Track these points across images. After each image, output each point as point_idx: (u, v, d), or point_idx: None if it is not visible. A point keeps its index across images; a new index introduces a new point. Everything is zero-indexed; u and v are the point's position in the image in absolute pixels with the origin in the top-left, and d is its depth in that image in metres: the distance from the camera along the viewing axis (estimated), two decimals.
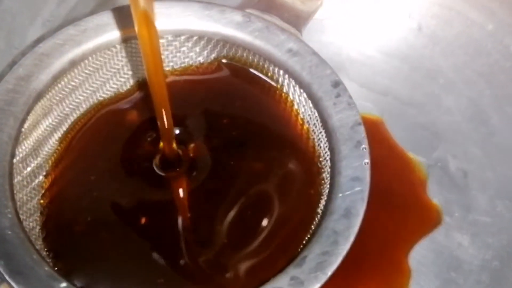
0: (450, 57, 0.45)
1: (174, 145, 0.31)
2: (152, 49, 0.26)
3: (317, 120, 0.32)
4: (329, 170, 0.30)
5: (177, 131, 0.33)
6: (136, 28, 0.26)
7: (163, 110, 0.29)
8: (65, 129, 0.33)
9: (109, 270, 0.29)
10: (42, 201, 0.31)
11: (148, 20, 0.25)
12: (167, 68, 0.35)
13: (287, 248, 0.29)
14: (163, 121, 0.29)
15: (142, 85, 0.35)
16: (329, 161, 0.30)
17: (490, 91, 0.44)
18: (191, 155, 0.33)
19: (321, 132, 0.31)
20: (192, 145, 0.33)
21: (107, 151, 0.33)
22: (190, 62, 0.35)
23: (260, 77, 0.35)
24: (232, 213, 0.31)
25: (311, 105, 0.32)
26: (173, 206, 0.32)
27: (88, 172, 0.32)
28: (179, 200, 0.32)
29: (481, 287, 0.39)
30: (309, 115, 0.33)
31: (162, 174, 0.32)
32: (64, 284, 0.25)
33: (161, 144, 0.31)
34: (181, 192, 0.32)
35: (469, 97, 0.45)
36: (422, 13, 0.46)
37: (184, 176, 0.32)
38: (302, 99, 0.33)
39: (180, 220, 0.31)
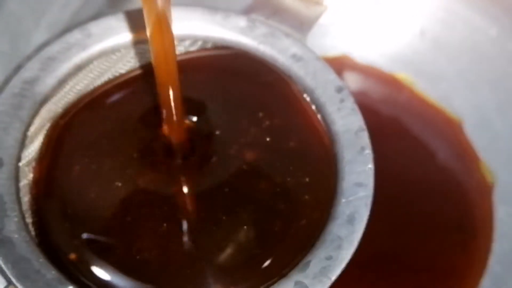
0: (453, 62, 0.46)
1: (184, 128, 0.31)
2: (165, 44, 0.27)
3: (320, 125, 0.32)
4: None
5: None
6: (148, 28, 0.26)
7: (172, 96, 0.29)
8: None
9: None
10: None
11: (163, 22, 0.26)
12: None
13: (295, 251, 0.29)
14: (172, 108, 0.29)
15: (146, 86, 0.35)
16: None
17: (493, 96, 0.44)
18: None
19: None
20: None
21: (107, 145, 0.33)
22: None
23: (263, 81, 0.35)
24: (238, 214, 0.31)
25: (315, 110, 0.32)
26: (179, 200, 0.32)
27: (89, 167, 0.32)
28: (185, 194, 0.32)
29: None
30: None
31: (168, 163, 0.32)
32: None
33: (167, 130, 0.31)
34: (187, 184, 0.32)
35: (473, 102, 0.45)
36: (426, 18, 0.46)
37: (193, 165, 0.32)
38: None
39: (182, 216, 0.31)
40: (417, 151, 0.44)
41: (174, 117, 0.30)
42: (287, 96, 0.34)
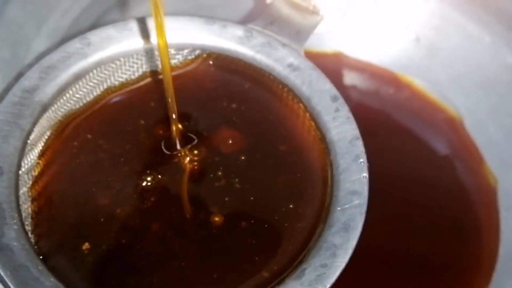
0: (448, 68, 0.46)
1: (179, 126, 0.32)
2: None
3: (316, 134, 0.32)
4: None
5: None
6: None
7: (169, 98, 0.30)
8: None
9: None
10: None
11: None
12: None
13: (289, 257, 0.29)
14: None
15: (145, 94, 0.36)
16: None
17: (487, 102, 0.45)
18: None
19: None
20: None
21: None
22: None
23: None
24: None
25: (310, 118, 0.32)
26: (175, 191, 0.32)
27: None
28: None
29: None
30: None
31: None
32: None
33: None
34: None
35: (467, 108, 0.45)
36: (421, 25, 0.46)
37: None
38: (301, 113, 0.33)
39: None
40: (417, 149, 0.45)
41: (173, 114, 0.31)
42: (282, 105, 0.34)
